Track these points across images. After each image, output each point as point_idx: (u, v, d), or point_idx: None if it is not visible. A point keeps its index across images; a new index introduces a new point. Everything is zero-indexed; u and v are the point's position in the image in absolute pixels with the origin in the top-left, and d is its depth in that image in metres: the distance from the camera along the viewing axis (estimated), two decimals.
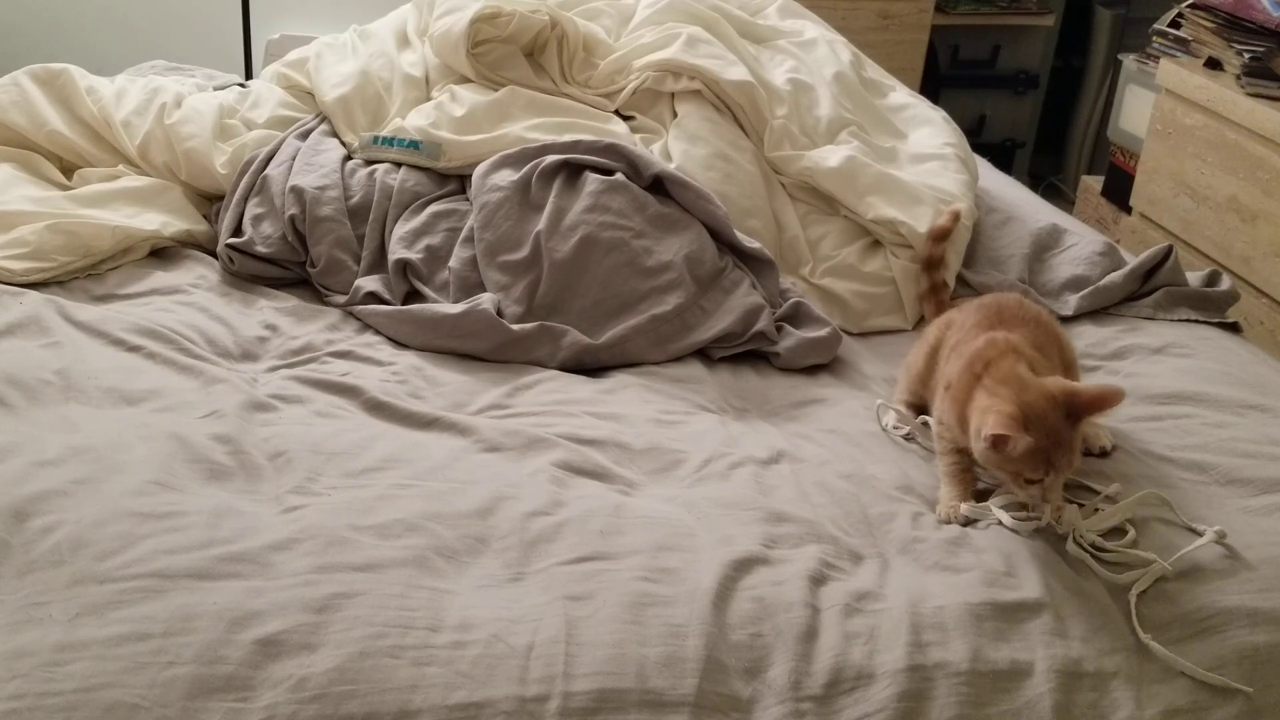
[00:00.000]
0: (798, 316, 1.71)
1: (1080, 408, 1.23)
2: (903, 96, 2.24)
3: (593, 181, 1.77)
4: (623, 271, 1.69)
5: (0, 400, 1.38)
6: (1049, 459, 1.22)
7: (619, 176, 1.77)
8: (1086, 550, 1.26)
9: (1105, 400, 1.23)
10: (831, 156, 1.92)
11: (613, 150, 1.82)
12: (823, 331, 1.67)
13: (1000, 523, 1.29)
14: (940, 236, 1.76)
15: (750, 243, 1.77)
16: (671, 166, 1.83)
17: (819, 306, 1.76)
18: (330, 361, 1.60)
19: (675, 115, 2.01)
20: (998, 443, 1.20)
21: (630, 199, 1.75)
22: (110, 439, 1.31)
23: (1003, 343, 1.32)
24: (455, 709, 1.03)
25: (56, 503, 1.20)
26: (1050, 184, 4.07)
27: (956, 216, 1.79)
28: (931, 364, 1.47)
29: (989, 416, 1.21)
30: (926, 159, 2.02)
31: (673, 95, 2.03)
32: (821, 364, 1.67)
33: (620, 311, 1.68)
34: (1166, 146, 2.79)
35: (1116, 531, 1.30)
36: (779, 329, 1.69)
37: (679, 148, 1.92)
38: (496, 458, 1.38)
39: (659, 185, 1.80)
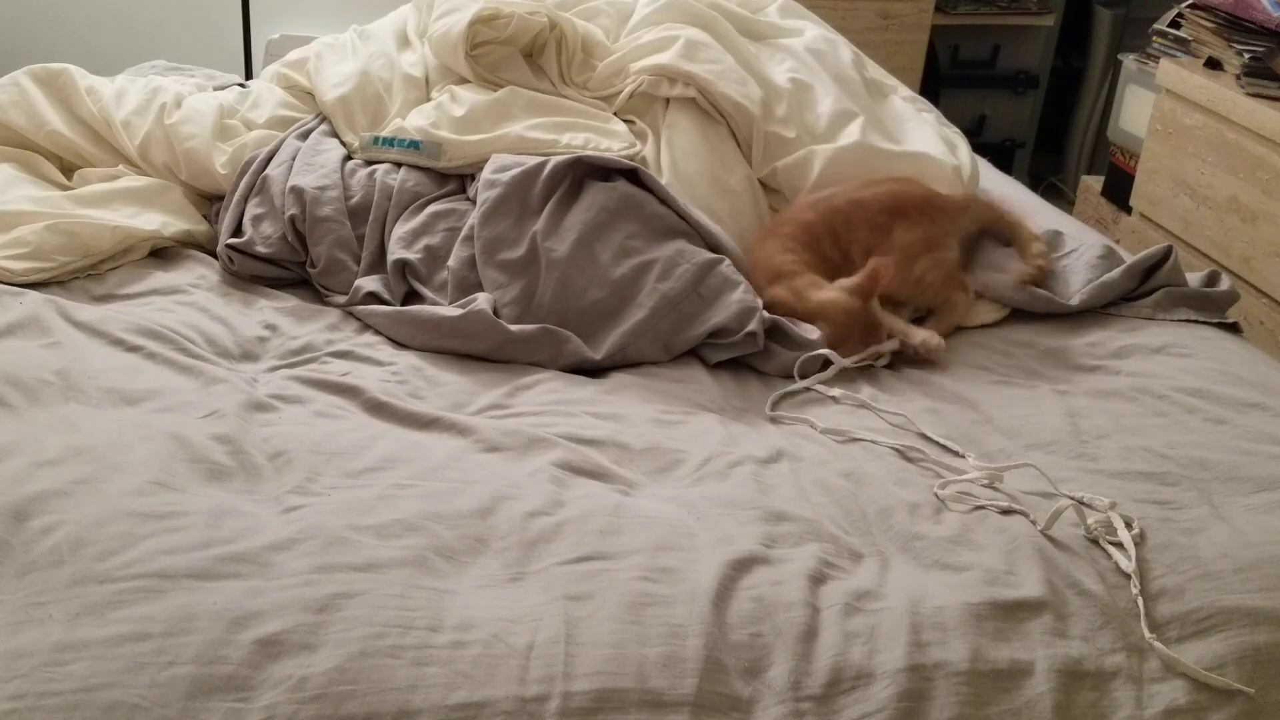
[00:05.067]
0: (780, 331, 1.69)
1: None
2: (900, 106, 2.22)
3: (592, 186, 1.77)
4: (619, 270, 1.69)
5: (0, 400, 1.38)
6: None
7: (619, 182, 1.78)
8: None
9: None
10: (814, 165, 1.92)
11: (617, 162, 1.82)
12: (805, 340, 1.66)
13: None
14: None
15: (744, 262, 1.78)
16: (662, 182, 1.83)
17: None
18: (330, 361, 1.60)
19: (668, 121, 2.00)
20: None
21: (628, 201, 1.75)
22: (110, 439, 1.31)
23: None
24: (455, 709, 1.03)
25: (56, 503, 1.20)
26: (1050, 184, 4.08)
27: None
28: None
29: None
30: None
31: (667, 100, 2.02)
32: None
33: (619, 309, 1.67)
34: (1166, 146, 2.79)
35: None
36: (767, 346, 1.67)
37: (668, 158, 1.92)
38: (496, 458, 1.38)
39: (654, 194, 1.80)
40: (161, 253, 1.84)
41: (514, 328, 1.63)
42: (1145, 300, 1.81)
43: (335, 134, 1.99)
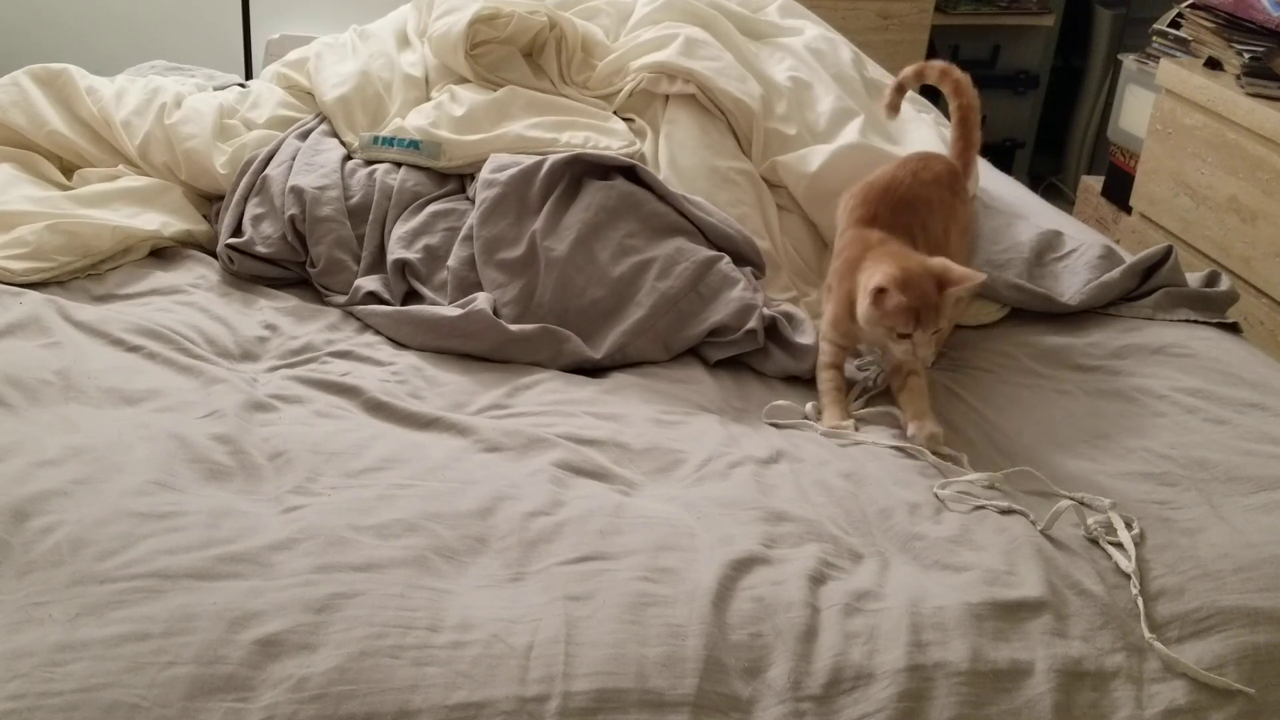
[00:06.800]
0: (779, 335, 1.68)
1: (948, 281, 1.45)
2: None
3: (591, 185, 1.77)
4: (619, 269, 1.69)
5: (0, 400, 1.38)
6: (918, 315, 1.43)
7: (618, 180, 1.77)
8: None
9: (966, 278, 1.45)
10: (815, 159, 1.91)
11: (615, 159, 1.82)
12: (802, 350, 1.65)
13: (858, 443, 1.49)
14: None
15: (750, 248, 1.77)
16: (661, 177, 1.83)
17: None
18: (330, 361, 1.60)
19: (667, 117, 2.00)
20: (878, 295, 1.44)
21: (627, 200, 1.75)
22: (110, 439, 1.31)
23: (875, 236, 1.59)
24: (455, 709, 1.03)
25: (56, 503, 1.20)
26: (1050, 184, 4.07)
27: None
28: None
29: (875, 275, 1.45)
30: None
31: (666, 98, 2.02)
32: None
33: (619, 309, 1.67)
34: (1166, 146, 2.79)
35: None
36: (765, 347, 1.67)
37: (666, 153, 1.92)
38: (496, 458, 1.38)
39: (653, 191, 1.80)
40: (161, 253, 1.84)
41: (514, 327, 1.63)
42: (1145, 300, 1.81)
43: (335, 134, 1.99)
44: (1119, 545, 1.27)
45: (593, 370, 1.64)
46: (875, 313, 1.46)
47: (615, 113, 2.04)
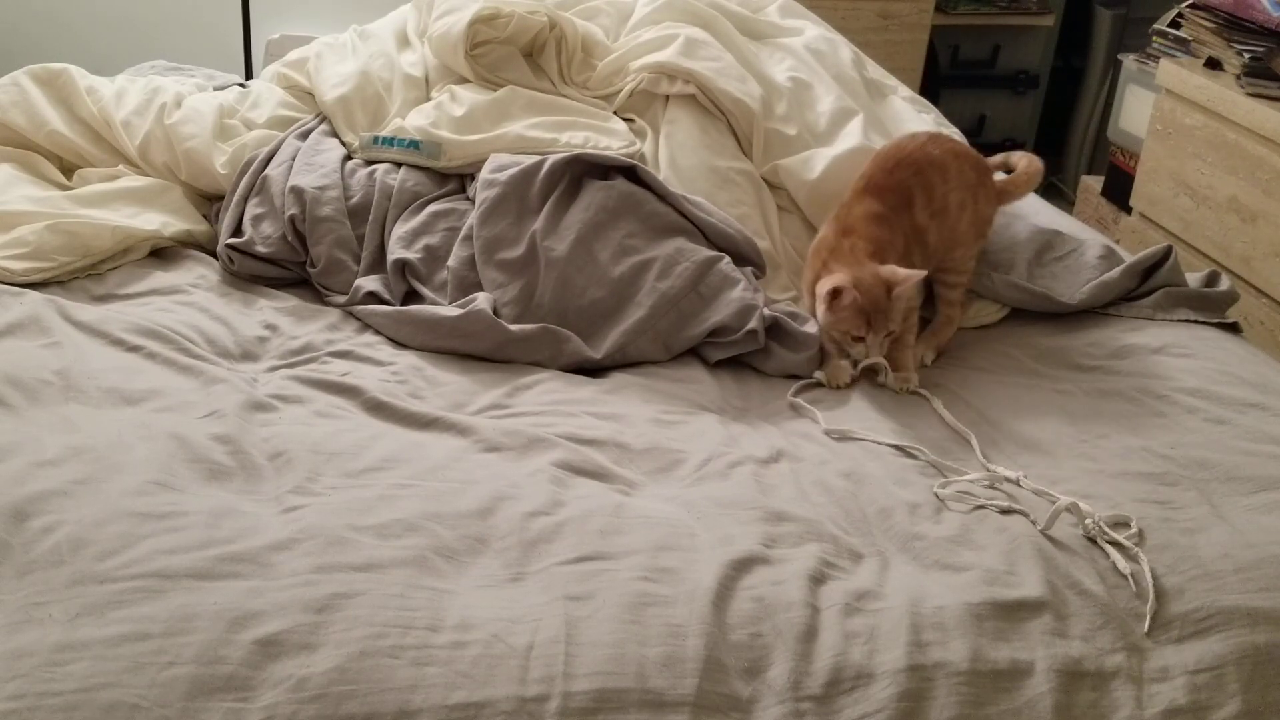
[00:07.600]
0: (780, 330, 1.68)
1: (895, 283, 1.56)
2: (899, 106, 2.21)
3: (591, 185, 1.77)
4: (619, 269, 1.69)
5: (0, 400, 1.38)
6: (869, 319, 1.55)
7: (618, 180, 1.77)
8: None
9: (910, 278, 1.55)
10: (816, 165, 1.91)
11: (615, 160, 1.82)
12: (805, 339, 1.66)
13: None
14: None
15: (750, 248, 1.77)
16: (661, 177, 1.83)
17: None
18: (330, 361, 1.60)
19: (667, 117, 2.00)
20: (834, 298, 1.55)
21: (627, 200, 1.75)
22: (110, 439, 1.31)
23: (841, 233, 1.66)
24: (455, 709, 1.03)
25: (56, 503, 1.20)
26: (1050, 184, 4.07)
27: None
28: None
29: (827, 281, 1.57)
30: None
31: (667, 98, 2.02)
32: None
33: (619, 309, 1.67)
34: (1166, 146, 2.79)
35: (1120, 525, 1.30)
36: (766, 345, 1.67)
37: (666, 154, 1.92)
38: (496, 458, 1.38)
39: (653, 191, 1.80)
40: (161, 253, 1.84)
41: (514, 327, 1.64)
42: (1145, 300, 1.81)
43: (335, 134, 2.00)
44: (1117, 544, 1.27)
45: (593, 370, 1.64)
46: (831, 316, 1.58)
47: (615, 113, 2.04)
